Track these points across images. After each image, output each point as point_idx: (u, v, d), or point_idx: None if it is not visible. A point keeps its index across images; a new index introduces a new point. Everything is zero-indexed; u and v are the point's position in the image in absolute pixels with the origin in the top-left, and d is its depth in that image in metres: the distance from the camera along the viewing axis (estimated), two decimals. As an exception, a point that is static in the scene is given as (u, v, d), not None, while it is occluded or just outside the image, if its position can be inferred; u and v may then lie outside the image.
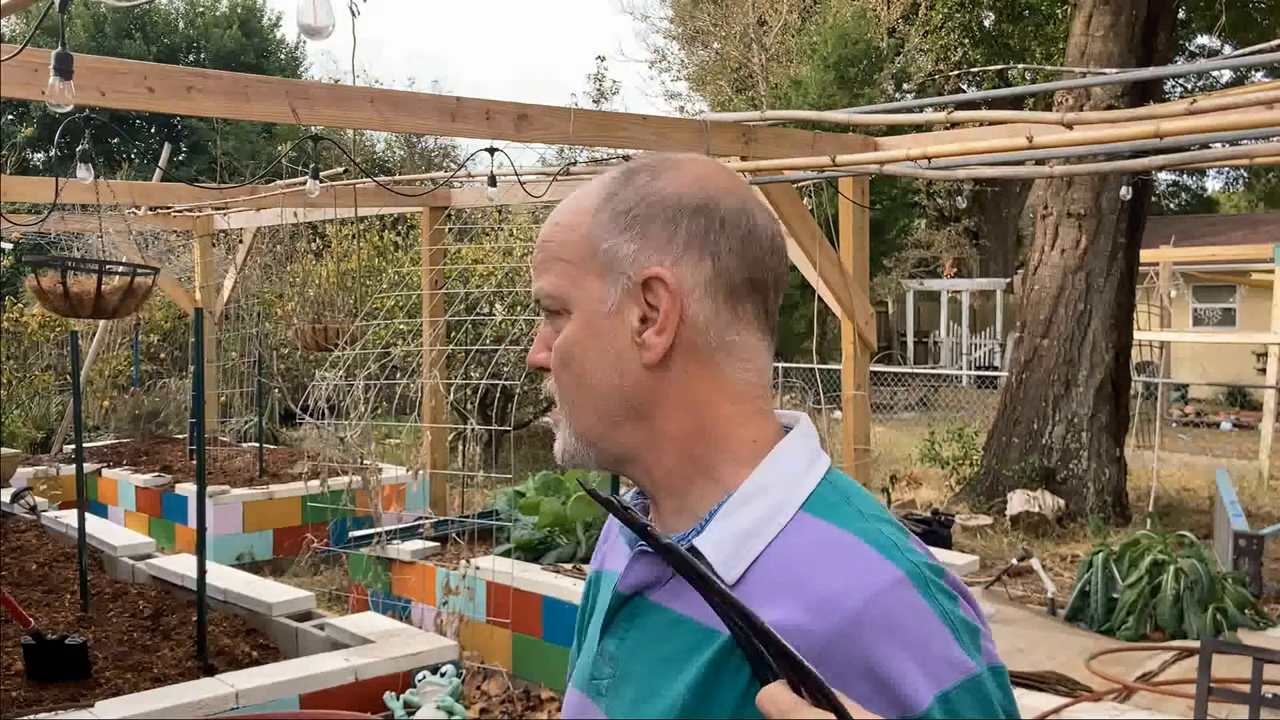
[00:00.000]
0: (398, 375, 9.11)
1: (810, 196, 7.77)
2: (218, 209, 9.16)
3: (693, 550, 0.95)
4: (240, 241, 10.29)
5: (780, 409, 1.07)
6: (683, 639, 0.96)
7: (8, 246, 11.38)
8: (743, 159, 5.29)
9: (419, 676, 4.21)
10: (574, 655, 1.21)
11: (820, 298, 6.16)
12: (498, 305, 10.53)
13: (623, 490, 6.44)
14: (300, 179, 6.43)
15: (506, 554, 5.72)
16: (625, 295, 0.99)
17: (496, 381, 9.26)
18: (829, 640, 0.86)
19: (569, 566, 5.64)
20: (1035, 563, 5.64)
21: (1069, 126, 4.22)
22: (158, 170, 10.59)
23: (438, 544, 6.18)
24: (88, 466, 7.95)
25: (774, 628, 0.83)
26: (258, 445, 8.72)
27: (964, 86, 21.30)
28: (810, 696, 0.77)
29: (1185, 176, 29.30)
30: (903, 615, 0.87)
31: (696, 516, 0.99)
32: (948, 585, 0.91)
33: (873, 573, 0.89)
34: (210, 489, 7.28)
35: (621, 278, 1.00)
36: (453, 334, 9.06)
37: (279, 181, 7.67)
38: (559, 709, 5.06)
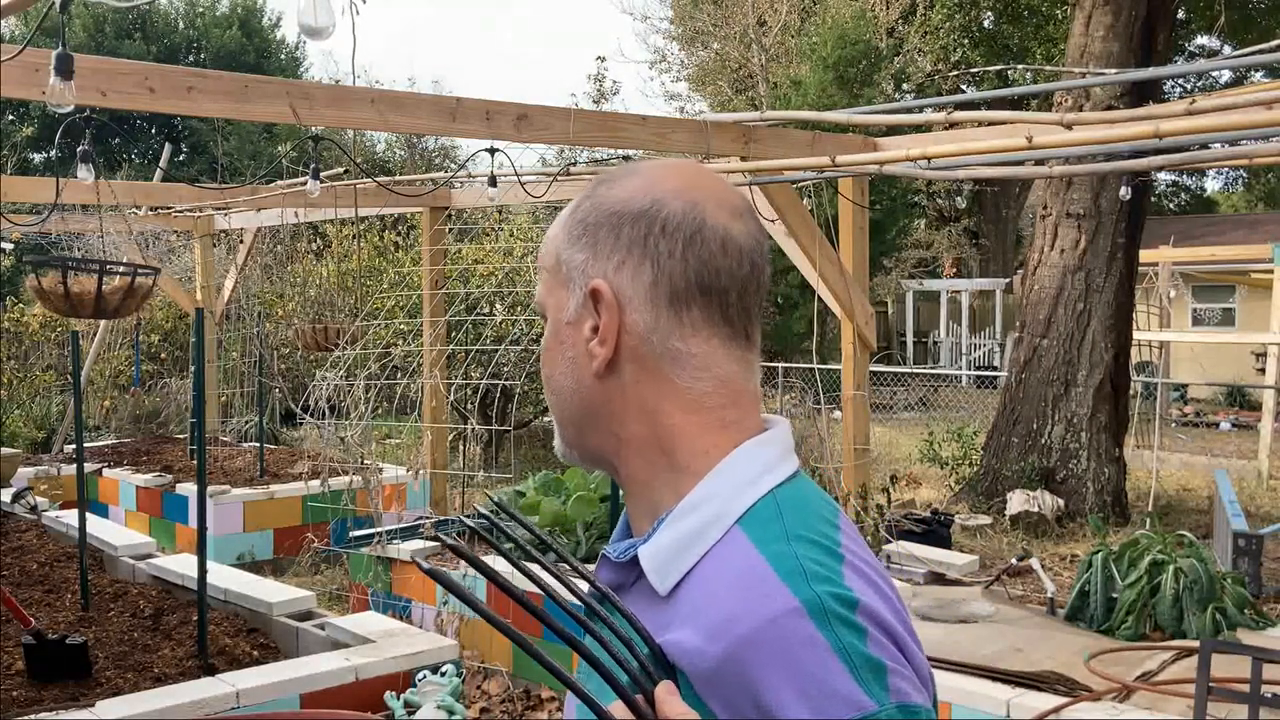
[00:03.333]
0: (398, 375, 9.12)
1: (810, 196, 7.77)
2: (218, 209, 9.17)
3: (635, 559, 0.97)
4: (241, 242, 10.29)
5: (780, 410, 1.07)
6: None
7: (8, 246, 11.38)
8: (743, 159, 5.29)
9: (419, 676, 4.21)
10: None
11: (820, 298, 6.17)
12: (498, 305, 10.53)
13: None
14: (300, 179, 6.44)
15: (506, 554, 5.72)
16: (581, 305, 1.00)
17: (496, 381, 9.26)
18: (718, 665, 0.85)
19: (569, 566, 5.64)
20: (1035, 562, 5.65)
21: (1068, 127, 4.23)
22: (158, 170, 10.60)
23: (438, 544, 6.18)
24: (88, 466, 7.96)
25: (676, 646, 0.88)
26: (258, 445, 8.72)
27: (963, 87, 21.30)
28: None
29: (1185, 177, 29.31)
30: (790, 646, 0.84)
31: (644, 526, 1.01)
32: (860, 618, 0.86)
33: (768, 600, 0.86)
34: (211, 489, 7.29)
35: (577, 288, 1.01)
36: (453, 334, 9.07)
37: (279, 182, 7.68)
38: (559, 708, 5.07)
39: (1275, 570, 6.49)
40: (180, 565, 5.51)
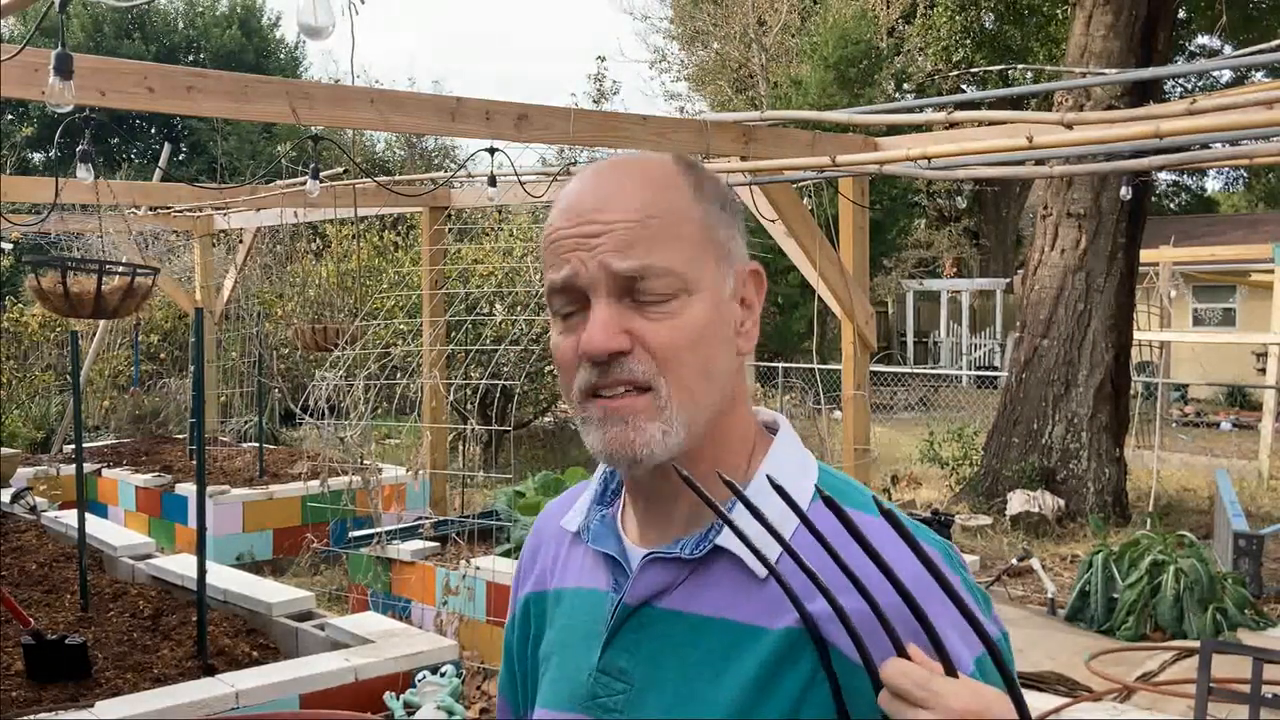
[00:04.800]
0: (398, 375, 9.11)
1: (810, 196, 7.77)
2: (218, 209, 9.16)
3: (710, 552, 0.98)
4: (240, 241, 10.29)
5: (780, 410, 1.09)
6: (717, 640, 0.95)
7: (8, 246, 11.38)
8: (743, 159, 5.29)
9: (419, 676, 4.20)
10: (505, 679, 1.20)
11: (820, 298, 6.16)
12: (498, 305, 10.53)
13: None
14: (300, 179, 6.43)
15: (506, 554, 5.72)
16: (735, 284, 1.02)
17: (496, 381, 9.26)
18: (883, 617, 0.88)
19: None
20: (1035, 563, 5.64)
21: (1069, 126, 4.22)
22: (158, 170, 10.59)
23: (438, 544, 6.18)
24: (88, 466, 7.95)
25: (828, 614, 0.87)
26: (258, 445, 8.71)
27: (964, 87, 21.30)
28: (942, 662, 0.83)
29: (1185, 176, 29.30)
30: (941, 587, 0.89)
31: (699, 520, 1.00)
32: (960, 559, 0.98)
33: (907, 551, 0.90)
34: (210, 489, 7.28)
35: (732, 267, 1.01)
36: (453, 334, 9.06)
37: (279, 181, 7.67)
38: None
39: (1276, 570, 6.48)
40: (180, 565, 5.50)
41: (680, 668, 0.97)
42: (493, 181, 5.91)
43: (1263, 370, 15.03)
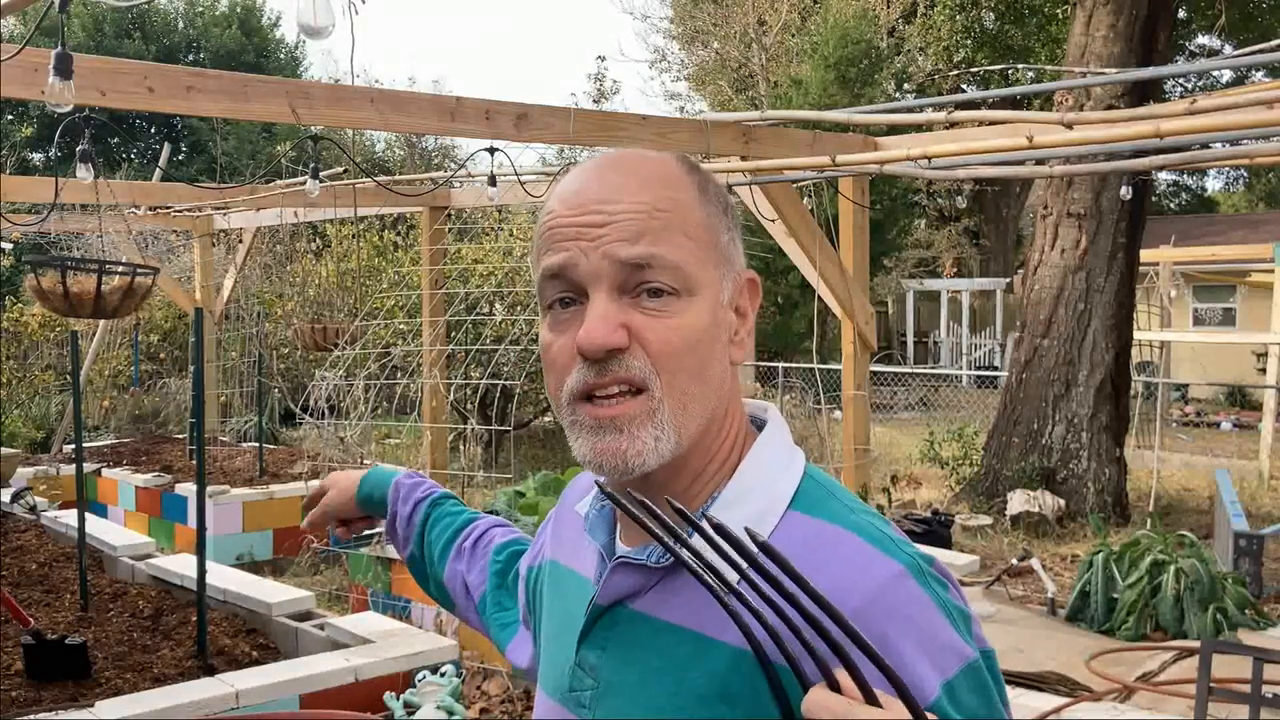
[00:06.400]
0: (398, 375, 9.11)
1: (810, 196, 7.76)
2: (218, 209, 9.16)
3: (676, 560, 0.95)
4: (240, 241, 10.29)
5: (781, 410, 1.07)
6: (679, 649, 0.94)
7: (8, 246, 11.38)
8: (743, 159, 5.28)
9: (419, 676, 4.20)
10: (495, 634, 1.31)
11: (820, 298, 6.16)
12: (498, 305, 10.52)
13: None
14: (300, 179, 6.43)
15: (506, 554, 5.71)
16: (733, 291, 0.99)
17: (496, 381, 9.25)
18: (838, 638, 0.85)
19: (569, 566, 5.63)
20: (1035, 563, 5.64)
21: (1069, 126, 4.22)
22: (157, 170, 10.58)
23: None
24: (87, 466, 7.95)
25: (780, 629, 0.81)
26: (258, 445, 8.71)
27: (965, 87, 21.30)
28: (864, 691, 0.76)
29: (1185, 176, 29.31)
30: (907, 607, 0.87)
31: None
32: (938, 574, 0.91)
33: (874, 568, 0.89)
34: (210, 489, 7.28)
35: (731, 273, 0.99)
36: (453, 334, 9.06)
37: (279, 181, 7.67)
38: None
39: (1276, 570, 6.48)
40: (179, 565, 5.50)
41: (642, 672, 0.96)
42: (493, 181, 5.91)
43: (1263, 370, 15.03)
